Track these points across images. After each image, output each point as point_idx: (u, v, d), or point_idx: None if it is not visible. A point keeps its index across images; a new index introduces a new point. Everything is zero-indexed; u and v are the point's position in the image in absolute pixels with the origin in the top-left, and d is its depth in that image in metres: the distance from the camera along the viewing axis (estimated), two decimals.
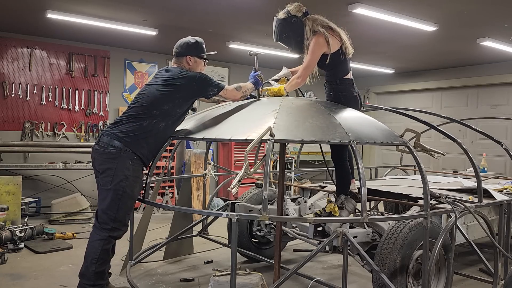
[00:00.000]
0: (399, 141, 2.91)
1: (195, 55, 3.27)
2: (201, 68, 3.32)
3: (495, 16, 4.92)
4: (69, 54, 6.73)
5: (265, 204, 2.42)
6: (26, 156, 6.36)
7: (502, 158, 7.35)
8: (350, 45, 3.24)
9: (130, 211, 3.12)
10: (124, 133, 3.00)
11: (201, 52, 3.31)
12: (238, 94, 3.28)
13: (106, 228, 3.00)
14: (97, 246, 2.98)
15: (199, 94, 3.19)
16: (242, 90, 3.29)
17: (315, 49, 3.12)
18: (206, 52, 3.36)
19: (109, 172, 2.97)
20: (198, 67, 3.29)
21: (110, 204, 2.98)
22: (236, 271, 2.46)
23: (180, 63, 3.27)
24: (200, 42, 3.32)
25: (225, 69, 8.47)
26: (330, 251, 3.13)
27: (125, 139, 2.98)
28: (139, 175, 3.10)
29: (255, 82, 3.34)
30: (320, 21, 3.18)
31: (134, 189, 3.04)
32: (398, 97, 9.48)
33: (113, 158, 2.97)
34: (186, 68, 3.24)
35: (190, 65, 3.25)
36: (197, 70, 3.26)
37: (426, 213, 2.70)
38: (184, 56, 3.25)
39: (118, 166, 2.96)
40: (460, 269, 4.04)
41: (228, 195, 7.43)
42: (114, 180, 2.96)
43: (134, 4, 4.77)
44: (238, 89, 3.27)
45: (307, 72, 3.20)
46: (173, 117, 3.10)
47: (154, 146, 3.11)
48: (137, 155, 3.02)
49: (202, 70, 3.31)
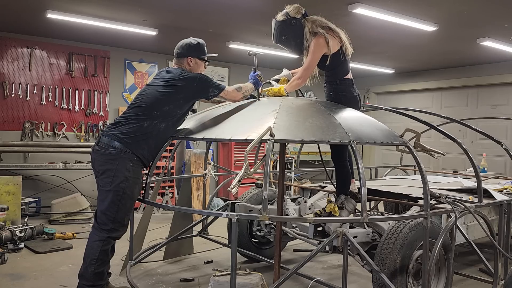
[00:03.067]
0: (399, 141, 2.91)
1: (196, 57, 3.26)
2: (202, 70, 3.33)
3: (495, 16, 4.92)
4: (69, 54, 6.73)
5: (265, 204, 2.42)
6: (26, 156, 6.36)
7: (502, 158, 7.35)
8: (350, 45, 3.24)
9: (130, 212, 3.12)
10: (124, 134, 3.00)
11: (202, 53, 3.31)
12: (238, 95, 3.28)
13: (105, 229, 3.00)
14: (96, 247, 2.98)
15: (199, 95, 3.19)
16: (243, 90, 3.29)
17: (315, 50, 3.12)
18: (207, 53, 3.35)
19: (109, 173, 2.96)
20: (198, 69, 3.30)
21: (109, 205, 2.97)
22: (236, 271, 2.46)
23: (181, 64, 3.26)
24: (201, 43, 3.32)
25: (225, 69, 8.47)
26: (330, 251, 3.13)
27: (125, 140, 2.98)
28: (139, 176, 3.10)
29: (255, 82, 3.34)
30: (319, 22, 3.18)
31: (134, 190, 3.04)
32: (398, 97, 9.48)
33: (113, 159, 2.97)
34: (186, 69, 3.24)
35: (191, 66, 3.26)
36: (197, 71, 3.26)
37: (426, 213, 2.70)
38: (185, 57, 3.25)
39: (118, 167, 2.96)
40: (460, 269, 4.04)
41: (228, 195, 7.43)
42: (114, 181, 2.95)
43: (134, 4, 4.77)
44: (238, 90, 3.27)
45: (308, 73, 3.20)
46: (173, 118, 3.10)
47: (154, 147, 3.11)
48: (138, 156, 3.02)
49: (203, 72, 3.32)
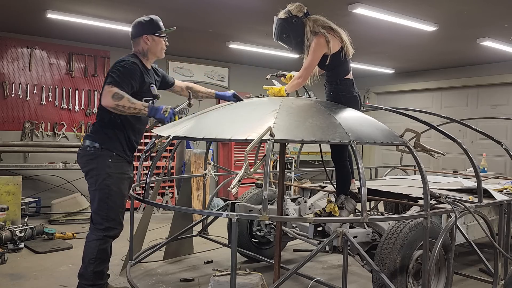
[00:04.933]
0: (399, 141, 2.90)
1: (151, 33, 3.08)
2: (162, 48, 3.16)
3: (495, 16, 4.92)
4: (69, 54, 6.73)
5: (265, 204, 2.42)
6: (26, 156, 6.36)
7: (502, 158, 7.35)
8: (351, 45, 3.24)
9: (122, 208, 3.10)
10: (95, 132, 3.03)
11: (158, 29, 3.11)
12: (111, 102, 2.79)
13: (100, 228, 3.00)
14: (94, 246, 2.99)
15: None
16: (121, 104, 2.78)
17: (316, 49, 3.11)
18: (165, 29, 3.15)
19: (92, 173, 2.98)
20: (158, 47, 3.12)
21: (99, 204, 2.98)
22: (236, 271, 2.45)
23: (138, 46, 3.11)
24: (155, 19, 3.13)
25: (225, 69, 8.48)
26: (330, 251, 3.13)
27: (99, 138, 3.00)
28: (124, 170, 3.09)
29: (152, 111, 2.85)
30: (320, 22, 3.18)
31: (120, 186, 3.03)
32: (398, 97, 9.48)
33: (92, 158, 2.99)
34: (144, 49, 3.09)
35: (148, 45, 3.08)
36: (157, 50, 3.12)
37: (426, 213, 2.70)
38: (140, 37, 3.08)
39: (98, 165, 2.97)
40: (460, 269, 4.05)
41: (228, 195, 7.43)
42: (98, 179, 2.96)
43: (134, 4, 4.76)
44: (116, 98, 2.78)
45: (308, 73, 3.20)
46: None
47: (127, 139, 3.09)
48: (114, 152, 3.02)
49: (163, 50, 3.18)
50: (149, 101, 3.11)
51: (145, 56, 3.14)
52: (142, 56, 3.14)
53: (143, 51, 3.13)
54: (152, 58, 3.19)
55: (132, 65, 2.97)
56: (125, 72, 2.91)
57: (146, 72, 3.11)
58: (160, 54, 3.19)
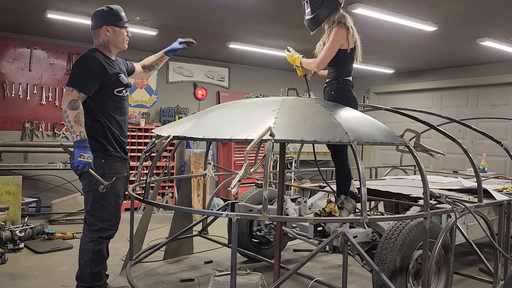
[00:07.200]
0: (399, 141, 2.90)
1: (112, 24, 2.95)
2: (123, 39, 3.04)
3: (495, 16, 4.93)
4: (69, 54, 6.73)
5: (265, 204, 2.42)
6: (26, 156, 6.36)
7: (502, 158, 7.35)
8: (360, 52, 3.31)
9: (116, 208, 3.07)
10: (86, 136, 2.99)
11: (119, 20, 2.97)
12: (64, 106, 2.79)
13: (94, 229, 2.98)
14: (88, 248, 2.97)
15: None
16: (70, 113, 2.76)
17: (336, 38, 3.14)
18: (127, 19, 3.01)
19: (85, 175, 2.93)
20: (119, 38, 3.00)
21: (92, 205, 2.96)
22: (236, 271, 2.45)
23: (98, 38, 2.99)
24: (115, 9, 2.98)
25: (225, 69, 8.48)
26: (330, 251, 3.13)
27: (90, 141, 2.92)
28: (118, 170, 3.05)
29: (75, 150, 2.78)
30: (348, 20, 3.24)
31: (115, 186, 2.99)
32: (398, 97, 9.48)
33: None
34: (105, 41, 2.98)
35: (109, 37, 2.96)
36: (118, 42, 3.01)
37: (426, 213, 2.70)
38: (99, 28, 2.95)
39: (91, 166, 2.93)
40: (460, 269, 4.05)
41: (228, 195, 7.43)
42: (91, 181, 2.93)
43: (134, 4, 4.77)
44: (71, 106, 2.76)
45: (324, 62, 3.21)
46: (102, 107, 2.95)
47: (114, 139, 3.04)
48: (105, 154, 2.99)
49: (125, 42, 3.06)
50: (121, 91, 3.03)
51: (106, 48, 3.03)
52: (103, 48, 3.02)
53: (103, 43, 3.01)
54: (114, 50, 3.07)
55: (91, 62, 2.89)
56: (83, 72, 2.86)
57: (110, 63, 3.00)
58: (122, 46, 3.06)
